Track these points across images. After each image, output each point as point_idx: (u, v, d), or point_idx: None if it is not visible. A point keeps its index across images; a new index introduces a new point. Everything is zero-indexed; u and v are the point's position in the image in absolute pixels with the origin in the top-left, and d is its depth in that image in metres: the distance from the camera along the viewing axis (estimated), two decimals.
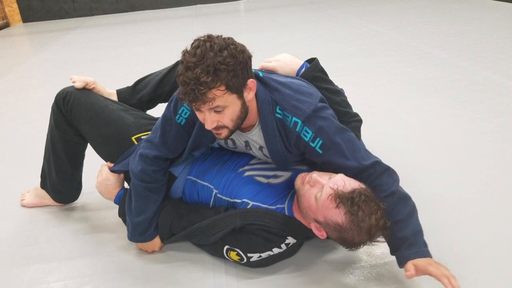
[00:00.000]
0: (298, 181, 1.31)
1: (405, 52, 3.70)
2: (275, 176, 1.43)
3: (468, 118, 2.34)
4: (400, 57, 3.58)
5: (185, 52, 1.12)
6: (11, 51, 5.55)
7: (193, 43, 1.13)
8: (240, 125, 1.25)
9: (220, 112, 1.16)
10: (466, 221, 1.54)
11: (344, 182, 1.19)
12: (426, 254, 1.19)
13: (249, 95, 1.21)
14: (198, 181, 1.49)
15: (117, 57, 4.50)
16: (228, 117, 1.18)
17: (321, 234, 1.26)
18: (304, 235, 1.38)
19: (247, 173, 1.44)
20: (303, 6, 6.84)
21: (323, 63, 1.54)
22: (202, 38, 1.13)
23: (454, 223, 1.53)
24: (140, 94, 1.67)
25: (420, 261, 1.17)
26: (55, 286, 1.40)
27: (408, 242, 1.20)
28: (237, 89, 1.15)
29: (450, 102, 2.57)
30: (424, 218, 1.54)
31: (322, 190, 1.20)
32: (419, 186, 1.75)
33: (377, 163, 1.27)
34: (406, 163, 1.93)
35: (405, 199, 1.26)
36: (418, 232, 1.23)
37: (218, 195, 1.45)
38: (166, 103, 1.40)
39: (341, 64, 3.50)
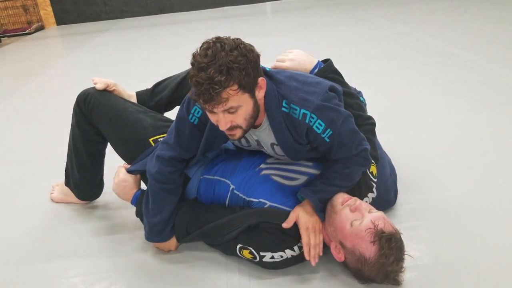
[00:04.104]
0: (338, 200, 1.32)
1: (432, 54, 3.61)
2: (292, 178, 1.43)
3: (496, 122, 2.26)
4: (427, 58, 3.50)
5: (195, 54, 1.14)
6: (44, 52, 5.77)
7: (202, 45, 1.15)
8: (252, 124, 1.27)
9: (233, 112, 1.17)
10: (491, 228, 1.49)
11: (384, 222, 1.21)
12: (314, 201, 1.33)
13: (260, 94, 1.22)
14: (215, 177, 1.50)
15: (144, 59, 4.59)
16: (241, 117, 1.20)
17: (338, 256, 1.29)
18: None
19: (264, 172, 1.44)
20: (330, 7, 6.78)
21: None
22: (211, 40, 1.15)
23: (477, 230, 1.49)
24: (158, 97, 1.71)
25: (305, 218, 1.32)
26: (74, 281, 1.45)
27: (314, 188, 1.35)
28: (249, 88, 1.16)
29: (478, 106, 2.49)
30: (446, 225, 1.52)
31: (362, 220, 1.22)
32: (443, 191, 1.72)
33: (363, 151, 1.34)
34: (429, 168, 1.89)
35: (347, 179, 1.35)
36: (321, 194, 1.34)
37: (235, 191, 1.45)
38: None
39: (365, 66, 3.46)
